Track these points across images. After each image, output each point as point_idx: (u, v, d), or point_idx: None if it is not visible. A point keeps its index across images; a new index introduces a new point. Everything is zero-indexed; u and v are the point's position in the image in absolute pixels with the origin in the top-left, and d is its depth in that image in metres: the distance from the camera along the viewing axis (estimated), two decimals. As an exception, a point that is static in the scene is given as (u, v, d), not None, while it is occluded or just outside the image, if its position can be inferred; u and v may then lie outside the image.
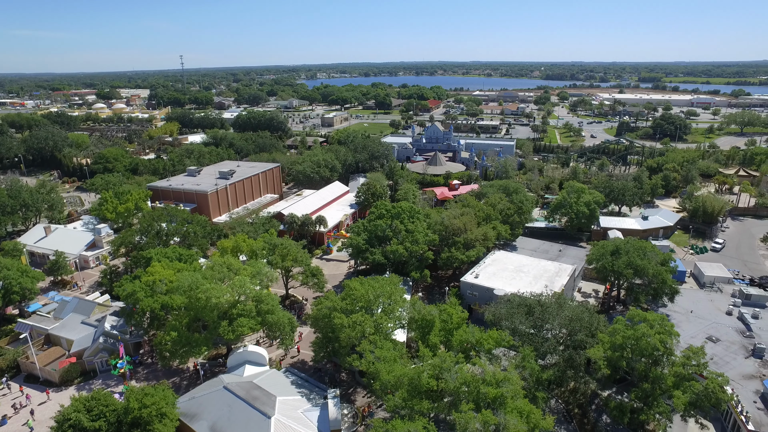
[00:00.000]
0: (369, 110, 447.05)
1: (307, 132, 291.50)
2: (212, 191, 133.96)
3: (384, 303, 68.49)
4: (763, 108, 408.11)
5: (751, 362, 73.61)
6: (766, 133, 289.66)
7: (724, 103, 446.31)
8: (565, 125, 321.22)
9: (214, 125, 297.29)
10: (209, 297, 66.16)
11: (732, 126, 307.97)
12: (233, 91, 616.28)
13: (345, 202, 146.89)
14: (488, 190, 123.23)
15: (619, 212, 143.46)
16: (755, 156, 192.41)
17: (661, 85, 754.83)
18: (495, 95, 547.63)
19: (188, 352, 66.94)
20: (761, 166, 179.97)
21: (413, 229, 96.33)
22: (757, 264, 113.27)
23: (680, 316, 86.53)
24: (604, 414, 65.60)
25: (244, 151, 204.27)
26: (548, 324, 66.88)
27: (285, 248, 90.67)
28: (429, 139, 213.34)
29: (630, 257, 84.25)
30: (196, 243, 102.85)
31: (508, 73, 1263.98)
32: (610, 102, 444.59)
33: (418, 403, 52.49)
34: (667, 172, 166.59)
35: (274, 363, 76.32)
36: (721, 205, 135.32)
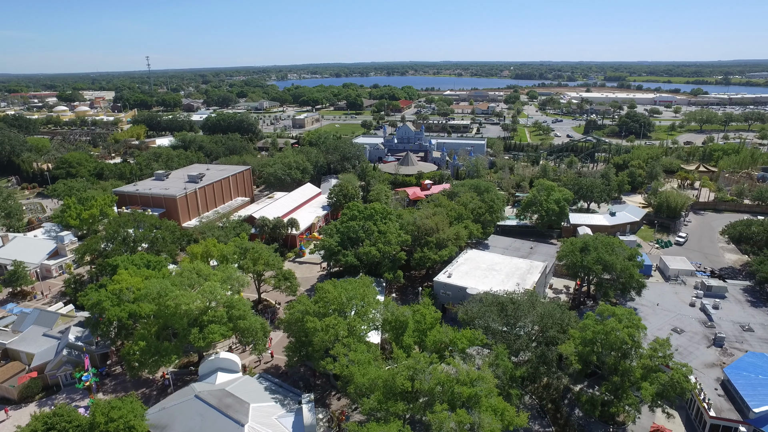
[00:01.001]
0: (340, 111, 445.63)
1: (278, 134, 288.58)
2: (181, 195, 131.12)
3: (357, 305, 68.15)
4: (719, 106, 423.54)
5: (713, 351, 76.09)
6: (722, 131, 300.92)
7: (684, 102, 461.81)
8: (535, 124, 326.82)
9: (182, 128, 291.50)
10: (179, 304, 64.66)
11: (692, 123, 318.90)
12: (202, 92, 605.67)
13: (317, 204, 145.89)
14: (460, 189, 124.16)
15: (588, 209, 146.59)
16: (713, 152, 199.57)
17: (625, 84, 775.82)
18: (466, 95, 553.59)
19: (158, 361, 65.24)
20: (719, 162, 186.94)
21: (386, 230, 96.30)
22: (717, 256, 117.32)
23: (647, 309, 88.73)
24: (577, 408, 66.82)
25: (213, 154, 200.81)
26: (521, 321, 67.74)
27: (256, 252, 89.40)
28: (401, 139, 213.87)
29: (598, 253, 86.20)
30: (165, 249, 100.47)
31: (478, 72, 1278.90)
32: (577, 101, 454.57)
33: (394, 405, 52.34)
34: (633, 168, 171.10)
35: (247, 369, 75.11)
36: (684, 200, 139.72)
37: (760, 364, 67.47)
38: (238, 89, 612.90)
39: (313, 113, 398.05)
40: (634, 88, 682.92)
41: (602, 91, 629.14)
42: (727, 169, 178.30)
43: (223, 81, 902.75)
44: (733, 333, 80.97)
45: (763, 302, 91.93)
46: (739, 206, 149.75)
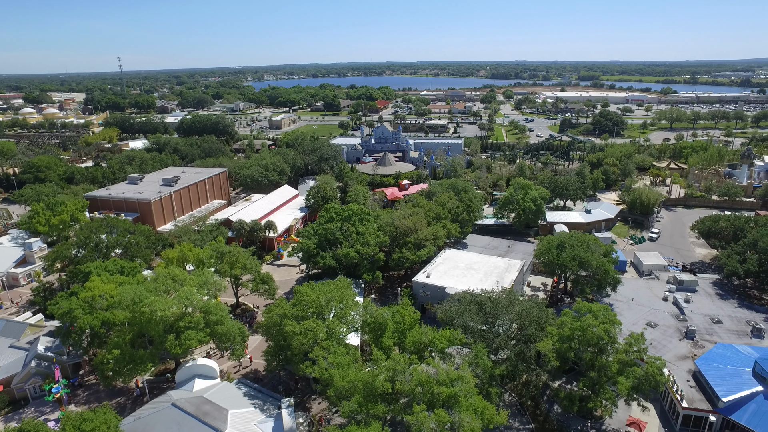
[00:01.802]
0: (317, 112, 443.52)
1: (254, 135, 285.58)
2: (156, 199, 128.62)
3: (336, 307, 67.79)
4: (688, 105, 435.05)
5: (685, 344, 77.96)
6: (691, 128, 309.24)
7: (655, 100, 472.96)
8: (511, 123, 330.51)
9: (156, 130, 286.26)
10: (154, 310, 63.32)
11: (663, 122, 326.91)
12: (177, 94, 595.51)
13: (295, 206, 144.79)
14: (437, 189, 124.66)
15: (564, 206, 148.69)
16: (683, 150, 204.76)
17: (599, 83, 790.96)
18: (443, 94, 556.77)
19: (133, 369, 63.81)
20: (688, 159, 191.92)
21: (364, 231, 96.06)
22: (688, 251, 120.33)
23: (622, 304, 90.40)
24: (556, 404, 67.63)
25: (189, 157, 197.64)
26: (499, 320, 68.26)
27: (233, 256, 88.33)
28: (378, 139, 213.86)
29: (574, 250, 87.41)
30: (139, 254, 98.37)
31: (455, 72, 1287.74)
32: (552, 100, 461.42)
33: (374, 407, 52.19)
34: (607, 166, 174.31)
35: (225, 375, 74.02)
36: (656, 196, 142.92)
37: (728, 354, 69.38)
38: (213, 90, 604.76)
39: (290, 114, 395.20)
40: (607, 88, 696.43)
41: (576, 90, 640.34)
42: (696, 166, 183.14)
43: (198, 82, 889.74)
44: (704, 325, 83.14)
45: (731, 295, 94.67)
46: (708, 202, 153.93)
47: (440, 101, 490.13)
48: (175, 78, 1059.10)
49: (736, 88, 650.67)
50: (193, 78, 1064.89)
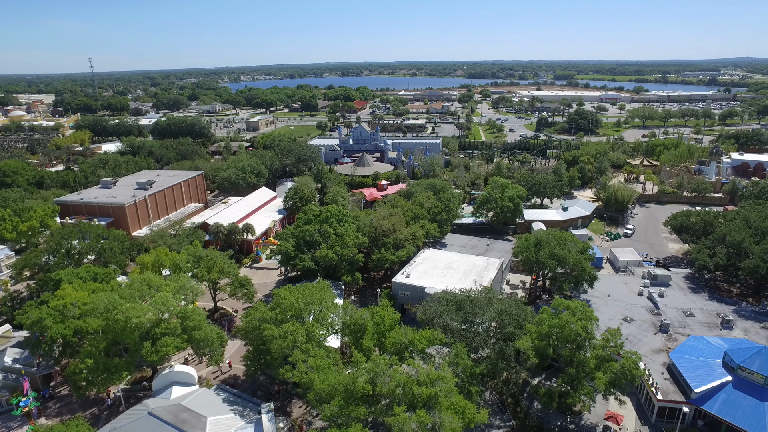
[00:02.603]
0: (295, 113, 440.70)
1: (231, 137, 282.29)
2: (130, 203, 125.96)
3: (315, 310, 67.32)
4: (659, 103, 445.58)
5: (659, 337, 79.68)
6: (663, 126, 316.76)
7: (627, 99, 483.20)
8: (488, 122, 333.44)
9: (130, 132, 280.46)
10: (129, 317, 61.85)
11: (635, 120, 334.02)
12: (151, 95, 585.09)
13: (273, 208, 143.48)
14: (416, 189, 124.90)
15: (542, 204, 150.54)
16: (655, 147, 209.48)
17: (573, 82, 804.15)
18: (420, 94, 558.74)
19: (107, 379, 62.20)
20: (660, 156, 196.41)
21: (342, 233, 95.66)
22: (662, 246, 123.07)
23: (599, 300, 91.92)
24: (535, 401, 68.33)
25: (164, 160, 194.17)
26: (478, 318, 68.65)
27: (211, 260, 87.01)
28: (356, 140, 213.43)
29: (552, 248, 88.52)
30: (113, 260, 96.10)
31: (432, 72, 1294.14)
32: (529, 99, 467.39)
33: (355, 410, 51.94)
34: (583, 164, 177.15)
35: (204, 381, 72.86)
36: (630, 193, 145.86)
37: (700, 346, 71.17)
38: (189, 92, 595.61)
39: (268, 115, 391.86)
40: (582, 86, 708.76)
41: (552, 89, 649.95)
42: (668, 163, 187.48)
43: (173, 83, 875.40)
44: (677, 319, 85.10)
45: (702, 288, 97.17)
46: (680, 198, 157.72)
47: (418, 101, 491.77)
48: (149, 79, 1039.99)
49: (703, 87, 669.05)
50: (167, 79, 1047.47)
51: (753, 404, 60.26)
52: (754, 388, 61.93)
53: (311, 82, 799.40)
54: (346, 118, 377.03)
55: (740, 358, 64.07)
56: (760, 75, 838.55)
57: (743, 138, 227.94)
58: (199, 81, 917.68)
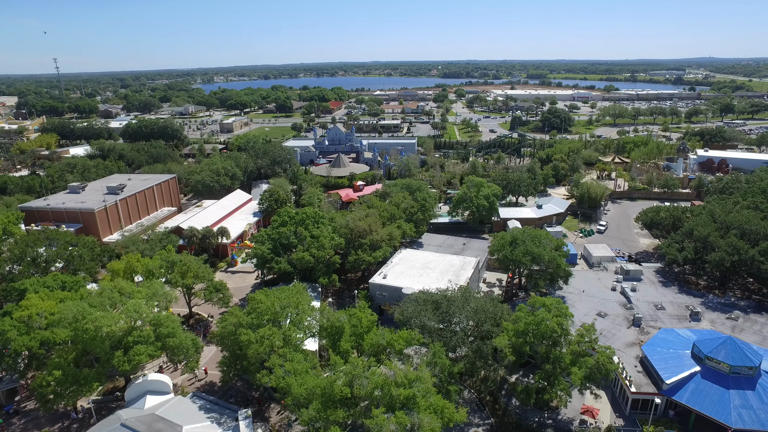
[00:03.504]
0: (270, 114, 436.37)
1: (205, 139, 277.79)
2: (100, 208, 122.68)
3: (291, 313, 66.68)
4: (629, 102, 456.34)
5: (632, 331, 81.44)
6: (633, 124, 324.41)
7: (599, 98, 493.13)
8: (463, 121, 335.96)
9: (100, 135, 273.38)
10: (99, 327, 60.11)
11: (607, 118, 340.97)
12: (121, 97, 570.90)
13: (248, 211, 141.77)
14: (392, 189, 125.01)
15: (517, 202, 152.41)
16: (626, 145, 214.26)
17: (546, 81, 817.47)
18: (395, 94, 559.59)
19: (77, 390, 60.34)
20: (631, 153, 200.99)
21: (318, 234, 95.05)
22: (633, 242, 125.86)
23: (574, 296, 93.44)
24: (514, 398, 69.04)
25: (136, 163, 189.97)
26: (455, 318, 68.97)
27: (185, 264, 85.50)
28: (332, 141, 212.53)
29: (527, 246, 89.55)
30: (82, 267, 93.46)
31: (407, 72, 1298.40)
32: (503, 98, 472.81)
33: (333, 413, 51.58)
34: (556, 162, 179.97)
35: (179, 389, 71.44)
36: (603, 190, 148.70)
37: (670, 339, 72.99)
38: (161, 93, 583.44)
39: (242, 117, 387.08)
40: (555, 86, 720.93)
41: (526, 88, 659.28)
42: (638, 160, 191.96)
43: (145, 85, 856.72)
44: (649, 312, 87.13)
45: (672, 282, 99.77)
46: (650, 194, 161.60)
47: (393, 101, 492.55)
48: (119, 80, 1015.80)
49: (670, 86, 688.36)
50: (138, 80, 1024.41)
51: (719, 392, 62.16)
52: (720, 377, 63.85)
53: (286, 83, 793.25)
54: (322, 119, 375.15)
55: (707, 349, 65.93)
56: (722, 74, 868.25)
57: (708, 135, 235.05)
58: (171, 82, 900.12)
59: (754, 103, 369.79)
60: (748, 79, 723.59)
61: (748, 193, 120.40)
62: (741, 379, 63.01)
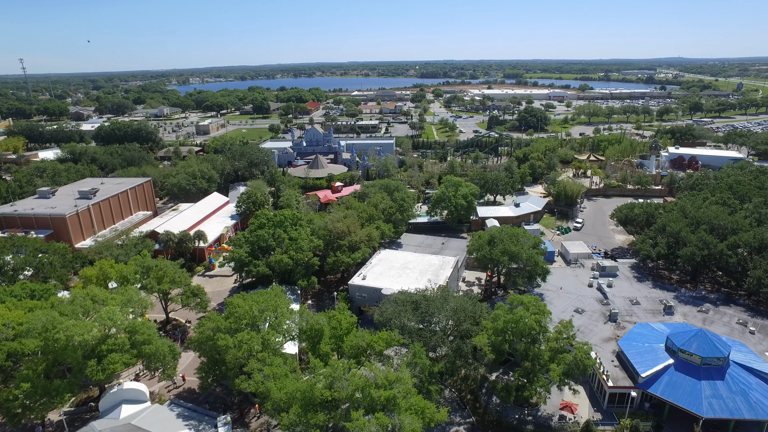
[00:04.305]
0: (247, 115, 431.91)
1: (180, 142, 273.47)
2: (71, 214, 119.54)
3: (270, 317, 65.99)
4: (603, 100, 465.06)
5: (609, 326, 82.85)
6: (607, 122, 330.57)
7: (574, 97, 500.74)
8: (441, 121, 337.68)
9: (71, 139, 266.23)
10: (71, 336, 58.48)
11: (582, 117, 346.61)
12: (93, 99, 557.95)
13: (225, 214, 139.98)
14: (370, 190, 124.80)
15: (495, 201, 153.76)
16: (600, 143, 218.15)
17: (523, 80, 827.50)
18: (373, 95, 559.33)
19: (47, 403, 58.49)
20: (605, 151, 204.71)
21: (297, 237, 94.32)
22: (609, 238, 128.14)
23: (552, 293, 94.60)
24: (494, 395, 69.49)
25: (109, 167, 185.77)
26: (435, 317, 69.15)
27: (160, 269, 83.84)
28: (309, 142, 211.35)
29: (505, 245, 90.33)
30: (53, 275, 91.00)
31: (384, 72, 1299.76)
32: (480, 98, 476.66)
33: (314, 417, 51.21)
34: (533, 160, 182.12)
35: (156, 397, 70.04)
36: (579, 188, 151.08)
37: (645, 333, 74.51)
38: (134, 95, 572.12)
39: (218, 119, 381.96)
40: (531, 85, 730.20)
41: (502, 87, 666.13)
42: (612, 157, 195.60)
43: (118, 86, 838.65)
44: (625, 308, 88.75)
45: (646, 277, 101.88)
46: (624, 191, 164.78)
47: (371, 101, 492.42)
48: (90, 82, 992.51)
49: (642, 85, 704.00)
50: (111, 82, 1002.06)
51: (691, 384, 63.73)
52: (692, 368, 65.46)
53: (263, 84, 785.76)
54: (299, 120, 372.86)
55: (680, 342, 67.50)
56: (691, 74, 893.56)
57: (678, 133, 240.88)
58: (145, 84, 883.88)
59: (720, 102, 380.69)
60: (715, 79, 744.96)
61: (716, 189, 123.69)
62: (711, 369, 64.71)
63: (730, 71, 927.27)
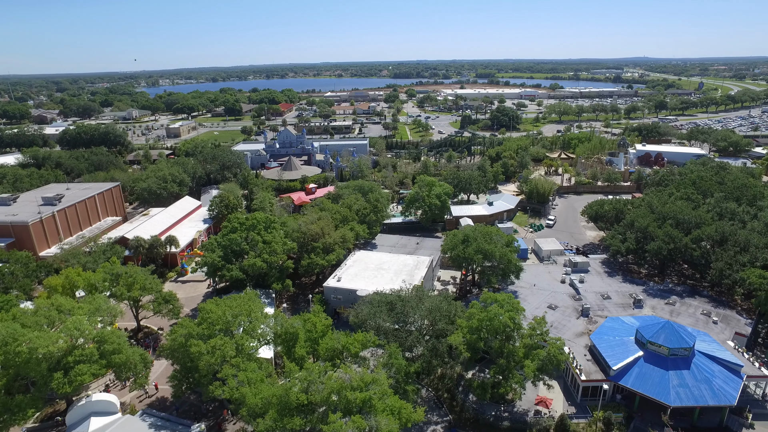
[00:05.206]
0: (219, 117, 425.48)
1: (150, 145, 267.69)
2: (34, 221, 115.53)
3: (244, 322, 65.10)
4: (573, 99, 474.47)
5: (581, 321, 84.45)
6: (577, 121, 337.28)
7: (545, 96, 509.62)
8: (414, 121, 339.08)
9: (33, 143, 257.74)
10: (34, 348, 56.51)
11: (553, 115, 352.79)
12: (57, 102, 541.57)
13: (198, 218, 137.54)
14: (344, 191, 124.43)
15: (468, 200, 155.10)
16: (571, 141, 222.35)
17: (495, 80, 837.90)
18: (347, 95, 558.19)
19: (9, 420, 56.30)
20: (576, 149, 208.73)
21: (270, 239, 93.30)
22: (581, 234, 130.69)
23: (526, 290, 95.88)
24: (471, 393, 70.02)
25: (75, 171, 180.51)
26: (411, 317, 69.31)
27: (130, 276, 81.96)
28: (282, 143, 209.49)
29: (479, 243, 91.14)
30: (14, 285, 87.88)
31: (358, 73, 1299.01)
32: (453, 97, 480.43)
33: (290, 422, 50.69)
34: (506, 159, 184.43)
35: (128, 407, 68.31)
36: (551, 185, 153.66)
37: (616, 326, 76.24)
38: (101, 97, 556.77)
39: (189, 121, 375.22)
40: (503, 84, 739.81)
41: (475, 87, 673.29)
42: (583, 155, 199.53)
43: (83, 88, 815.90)
44: (596, 302, 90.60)
45: (616, 271, 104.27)
46: (594, 188, 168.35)
47: (344, 102, 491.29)
48: (54, 84, 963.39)
49: (610, 84, 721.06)
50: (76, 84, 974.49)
51: (660, 374, 65.57)
52: (660, 359, 67.34)
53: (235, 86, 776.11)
54: (272, 122, 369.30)
55: (649, 334, 69.32)
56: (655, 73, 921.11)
57: (645, 131, 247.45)
58: (112, 86, 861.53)
59: (684, 100, 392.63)
60: (678, 78, 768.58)
61: (681, 185, 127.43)
62: (678, 359, 66.70)
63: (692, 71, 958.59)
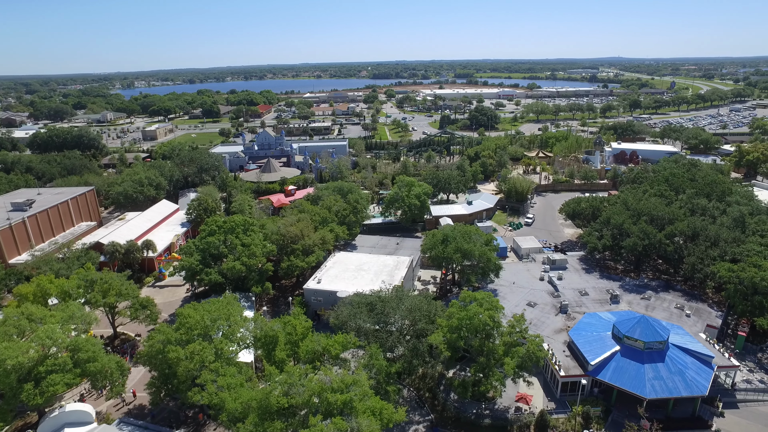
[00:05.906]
0: (196, 119, 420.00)
1: (126, 148, 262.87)
2: (3, 227, 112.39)
3: (223, 326, 64.35)
4: (550, 98, 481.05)
5: (560, 318, 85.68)
6: (554, 120, 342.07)
7: (523, 95, 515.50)
8: (394, 122, 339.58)
9: (1, 146, 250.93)
10: (2, 359, 54.99)
11: (530, 115, 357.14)
12: (27, 104, 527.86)
13: (175, 222, 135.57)
14: (323, 192, 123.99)
15: (448, 200, 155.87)
16: (548, 140, 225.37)
17: (473, 80, 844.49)
18: (326, 96, 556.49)
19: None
20: (553, 148, 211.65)
21: (249, 242, 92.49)
22: (559, 232, 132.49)
23: (505, 288, 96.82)
24: (452, 392, 70.36)
25: (47, 176, 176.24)
26: (391, 318, 69.34)
27: (106, 282, 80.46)
28: (261, 145, 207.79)
29: (458, 243, 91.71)
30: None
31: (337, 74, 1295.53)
32: (432, 98, 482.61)
33: (271, 426, 50.26)
34: (484, 158, 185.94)
35: (104, 417, 66.89)
36: (529, 184, 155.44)
37: (593, 322, 77.47)
38: (74, 100, 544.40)
39: (166, 123, 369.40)
40: (481, 84, 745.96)
41: (453, 87, 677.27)
42: (560, 154, 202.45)
43: (55, 90, 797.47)
44: (574, 299, 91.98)
45: (594, 268, 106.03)
46: (572, 186, 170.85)
47: (323, 103, 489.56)
48: (23, 86, 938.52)
49: (586, 83, 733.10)
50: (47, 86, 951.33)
51: (636, 368, 66.90)
52: (636, 353, 68.71)
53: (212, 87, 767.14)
54: (250, 124, 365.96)
55: (625, 329, 70.63)
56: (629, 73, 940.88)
57: (620, 129, 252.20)
58: (86, 87, 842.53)
59: (657, 99, 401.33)
60: (651, 78, 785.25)
61: (655, 182, 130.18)
62: (653, 353, 68.14)
63: (664, 70, 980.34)
